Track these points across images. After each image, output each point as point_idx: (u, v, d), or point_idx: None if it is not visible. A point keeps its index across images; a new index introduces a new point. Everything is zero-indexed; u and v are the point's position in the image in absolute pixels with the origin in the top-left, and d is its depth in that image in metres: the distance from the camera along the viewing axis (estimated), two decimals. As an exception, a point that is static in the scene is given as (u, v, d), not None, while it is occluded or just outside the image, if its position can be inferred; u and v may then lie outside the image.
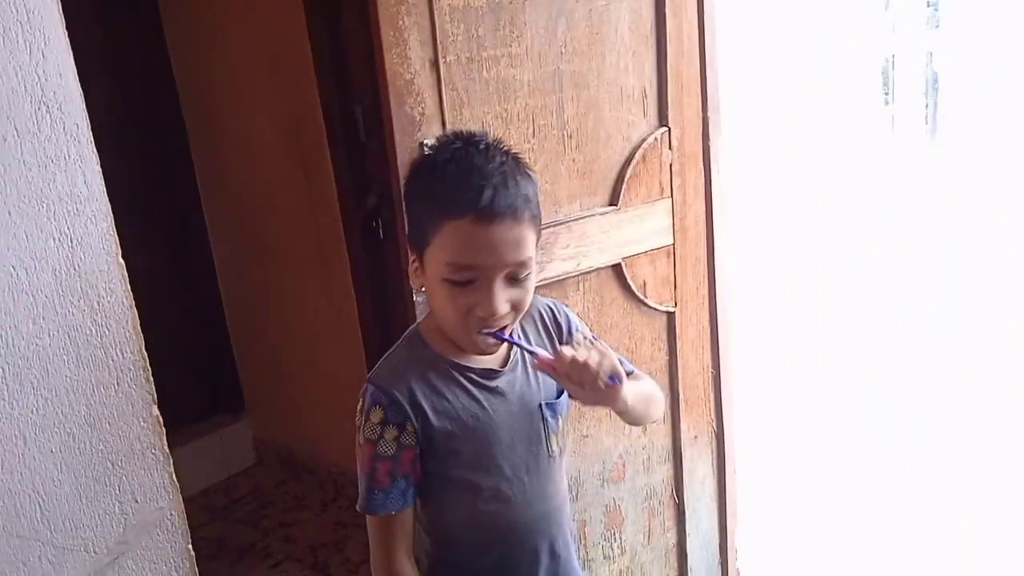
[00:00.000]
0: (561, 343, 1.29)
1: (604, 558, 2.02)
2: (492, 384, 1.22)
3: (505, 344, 1.26)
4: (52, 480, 1.11)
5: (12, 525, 1.08)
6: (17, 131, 1.04)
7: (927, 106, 8.19)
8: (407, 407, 1.15)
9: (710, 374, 2.11)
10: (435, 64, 1.54)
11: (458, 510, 1.24)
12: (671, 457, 2.08)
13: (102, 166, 1.14)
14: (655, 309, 1.97)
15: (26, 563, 1.10)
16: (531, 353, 1.18)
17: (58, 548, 1.13)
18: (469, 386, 1.20)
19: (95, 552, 1.16)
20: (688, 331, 2.04)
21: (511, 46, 1.64)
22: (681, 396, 2.06)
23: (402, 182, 1.25)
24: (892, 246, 5.84)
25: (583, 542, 1.97)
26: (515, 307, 1.13)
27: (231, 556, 2.86)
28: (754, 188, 2.09)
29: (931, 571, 2.49)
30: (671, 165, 1.92)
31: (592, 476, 1.95)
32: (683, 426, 2.07)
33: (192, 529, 3.22)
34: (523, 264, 1.11)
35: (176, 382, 3.33)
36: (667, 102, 1.88)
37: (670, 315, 2.00)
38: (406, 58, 1.51)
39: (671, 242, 1.96)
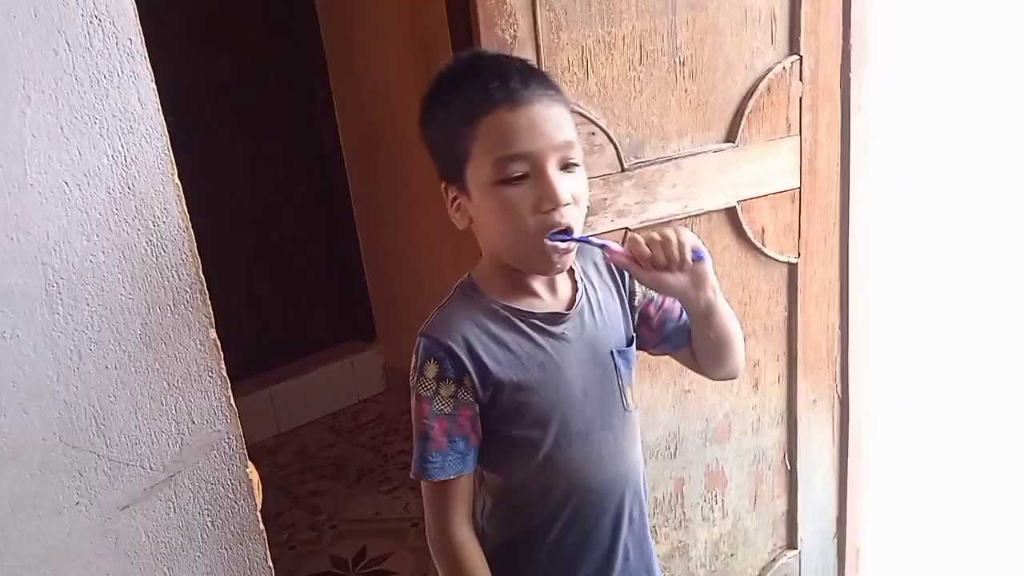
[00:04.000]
0: (624, 287, 1.18)
1: (703, 520, 1.91)
2: (558, 330, 1.12)
3: (570, 286, 1.16)
4: (108, 396, 1.13)
5: (68, 436, 1.10)
6: (68, 45, 1.02)
7: None
8: (464, 359, 1.07)
9: (836, 333, 1.92)
10: (529, -19, 1.43)
11: (528, 473, 1.14)
12: (785, 420, 1.92)
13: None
14: (774, 259, 1.79)
15: (82, 473, 1.12)
16: (602, 247, 1.06)
17: (114, 461, 1.15)
18: (532, 333, 1.10)
19: (151, 468, 1.18)
20: (812, 285, 1.85)
21: (616, -39, 1.49)
22: (800, 355, 1.88)
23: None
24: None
25: (680, 501, 1.86)
26: (576, 200, 1.04)
27: (350, 478, 2.96)
28: (905, 130, 1.83)
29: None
30: (801, 99, 1.72)
31: (693, 434, 1.83)
32: (800, 388, 1.90)
33: (318, 449, 3.32)
34: (571, 145, 1.03)
35: (313, 310, 3.47)
36: (800, 27, 1.67)
37: (791, 266, 1.82)
38: (496, -26, 1.41)
39: (797, 185, 1.77)
